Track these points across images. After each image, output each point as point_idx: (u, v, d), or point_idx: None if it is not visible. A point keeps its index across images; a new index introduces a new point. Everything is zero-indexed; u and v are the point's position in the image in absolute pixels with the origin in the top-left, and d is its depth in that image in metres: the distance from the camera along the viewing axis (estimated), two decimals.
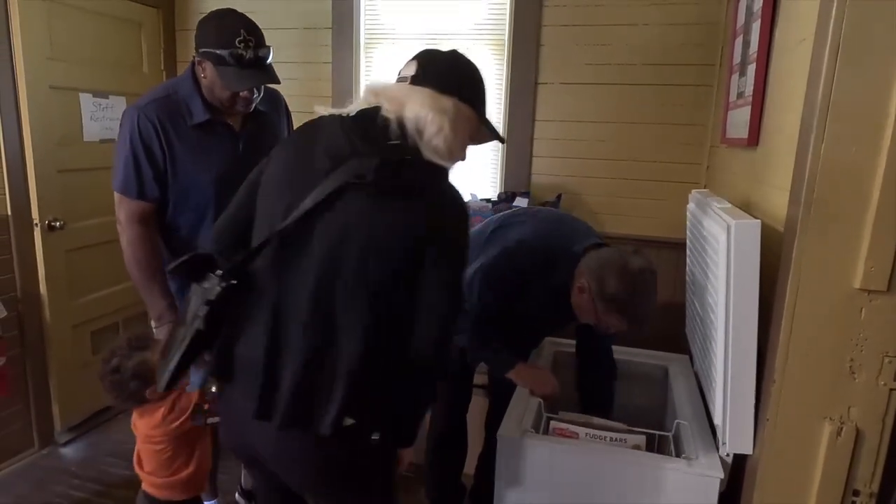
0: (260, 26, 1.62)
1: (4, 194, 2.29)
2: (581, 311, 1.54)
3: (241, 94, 1.60)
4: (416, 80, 1.16)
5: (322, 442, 1.11)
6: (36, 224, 2.39)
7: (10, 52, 2.24)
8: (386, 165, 1.08)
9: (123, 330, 2.85)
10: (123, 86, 2.76)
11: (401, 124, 1.11)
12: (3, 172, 2.27)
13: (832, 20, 1.07)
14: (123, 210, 1.63)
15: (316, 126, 1.18)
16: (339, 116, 1.16)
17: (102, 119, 2.66)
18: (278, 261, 1.12)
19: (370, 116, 1.13)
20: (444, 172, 1.14)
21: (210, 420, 1.48)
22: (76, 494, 2.23)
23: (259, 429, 1.13)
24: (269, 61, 1.62)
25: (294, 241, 1.11)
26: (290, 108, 1.97)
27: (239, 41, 1.53)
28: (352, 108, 1.17)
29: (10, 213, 2.30)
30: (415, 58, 1.20)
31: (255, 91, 1.64)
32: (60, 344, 2.53)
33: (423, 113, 1.11)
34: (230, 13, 1.60)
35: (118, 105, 2.72)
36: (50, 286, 2.45)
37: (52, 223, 2.43)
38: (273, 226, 1.12)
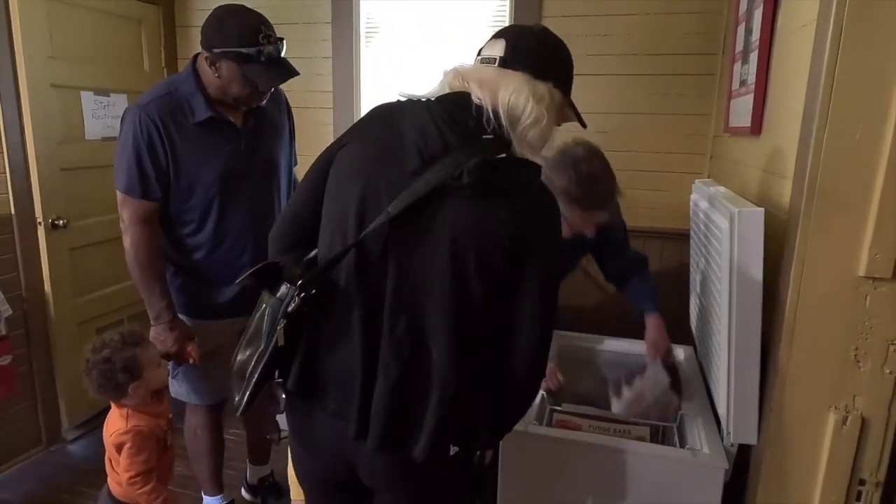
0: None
1: (7, 193, 2.29)
2: None
3: (261, 88, 1.61)
4: (505, 61, 1.01)
5: (422, 465, 1.02)
6: (39, 222, 2.39)
7: (10, 52, 2.24)
8: (484, 164, 0.94)
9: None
10: (124, 83, 2.75)
11: (495, 113, 0.98)
12: (5, 171, 2.27)
13: (834, 4, 1.05)
14: (127, 210, 1.62)
15: (397, 112, 1.02)
16: (423, 102, 1.02)
17: (104, 117, 2.66)
18: (361, 267, 1.00)
19: (460, 104, 1.00)
20: (538, 170, 1.01)
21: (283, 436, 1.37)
22: (84, 491, 2.24)
23: (358, 447, 1.04)
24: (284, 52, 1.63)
25: (379, 247, 0.98)
26: (292, 103, 1.96)
27: (262, 38, 1.53)
28: (432, 92, 1.05)
29: (13, 211, 2.31)
30: (501, 35, 1.05)
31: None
32: (66, 342, 2.54)
33: (519, 101, 0.98)
34: (242, 9, 1.58)
35: (119, 103, 2.72)
36: (54, 284, 2.46)
37: (56, 221, 2.44)
38: (355, 227, 0.99)
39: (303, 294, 0.99)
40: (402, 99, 1.05)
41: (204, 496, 2.00)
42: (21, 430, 2.41)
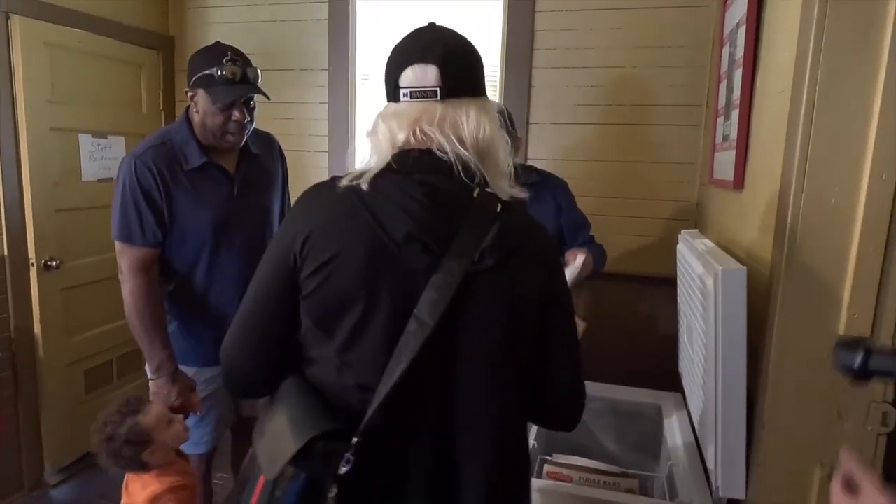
0: (258, 68, 1.68)
1: (1, 235, 2.30)
2: None
3: (232, 117, 1.62)
4: (447, 91, 0.90)
5: None
6: (32, 264, 2.40)
7: (11, 96, 2.28)
8: (500, 236, 0.87)
9: (118, 367, 2.84)
10: (122, 126, 2.80)
11: (462, 159, 0.89)
12: (0, 213, 2.29)
13: (807, 75, 1.11)
14: (126, 259, 1.63)
15: (366, 204, 0.87)
16: (396, 178, 0.88)
17: (101, 159, 2.69)
18: (409, 386, 0.85)
19: (432, 165, 0.89)
20: (524, 203, 0.96)
21: None
22: None
23: None
24: (259, 79, 1.67)
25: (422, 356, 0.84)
26: (288, 147, 2.01)
27: (226, 60, 1.59)
28: (379, 161, 0.91)
29: (6, 253, 2.31)
30: (423, 59, 0.91)
31: (248, 115, 1.66)
32: (53, 383, 2.51)
33: (484, 133, 0.90)
34: (216, 42, 1.68)
35: (116, 145, 2.76)
36: (44, 325, 2.45)
37: (49, 262, 2.44)
38: (384, 347, 0.86)
39: (351, 455, 0.82)
40: (347, 183, 0.90)
41: None
42: (2, 473, 2.36)
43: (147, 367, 1.68)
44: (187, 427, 1.55)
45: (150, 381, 1.66)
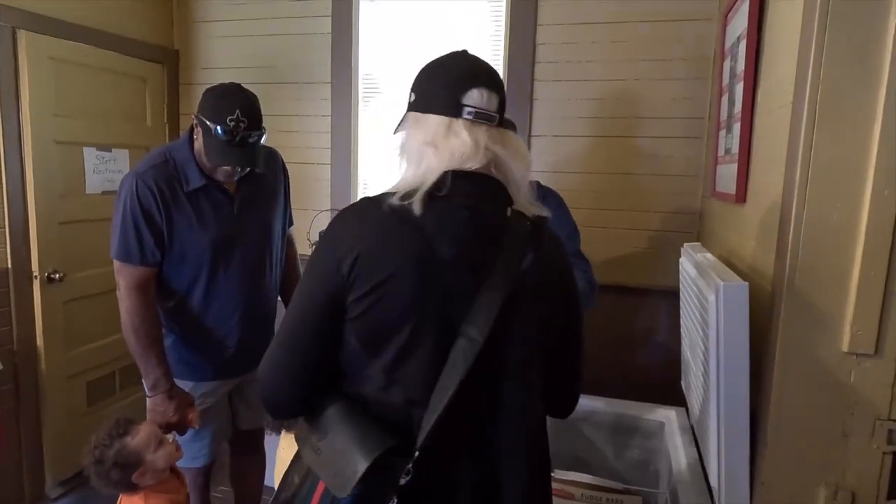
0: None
1: (5, 247, 2.31)
2: None
3: (223, 166, 1.63)
4: (500, 119, 0.98)
5: None
6: (35, 276, 2.41)
7: (17, 110, 2.30)
8: (539, 259, 0.93)
9: (120, 379, 2.84)
10: (126, 139, 2.82)
11: (504, 184, 0.96)
12: (5, 226, 2.30)
13: (808, 89, 1.10)
14: (124, 277, 1.63)
15: (416, 226, 0.89)
16: (441, 199, 0.90)
17: (105, 172, 2.71)
18: (459, 398, 0.88)
19: (488, 189, 0.95)
20: (547, 219, 1.00)
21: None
22: None
23: None
24: (260, 142, 1.65)
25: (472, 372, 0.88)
26: (290, 159, 2.01)
27: (230, 120, 1.55)
28: (422, 175, 0.92)
29: (10, 266, 2.32)
30: (488, 84, 0.96)
31: (239, 170, 1.66)
32: (55, 395, 2.51)
33: (526, 163, 0.99)
34: (233, 89, 1.62)
35: (121, 158, 2.78)
36: (47, 338, 2.46)
37: (52, 275, 2.45)
38: (431, 362, 0.89)
39: (410, 467, 0.86)
40: (397, 203, 0.90)
41: None
42: (3, 486, 2.36)
43: (144, 384, 1.68)
44: (179, 446, 1.55)
45: (147, 398, 1.66)
